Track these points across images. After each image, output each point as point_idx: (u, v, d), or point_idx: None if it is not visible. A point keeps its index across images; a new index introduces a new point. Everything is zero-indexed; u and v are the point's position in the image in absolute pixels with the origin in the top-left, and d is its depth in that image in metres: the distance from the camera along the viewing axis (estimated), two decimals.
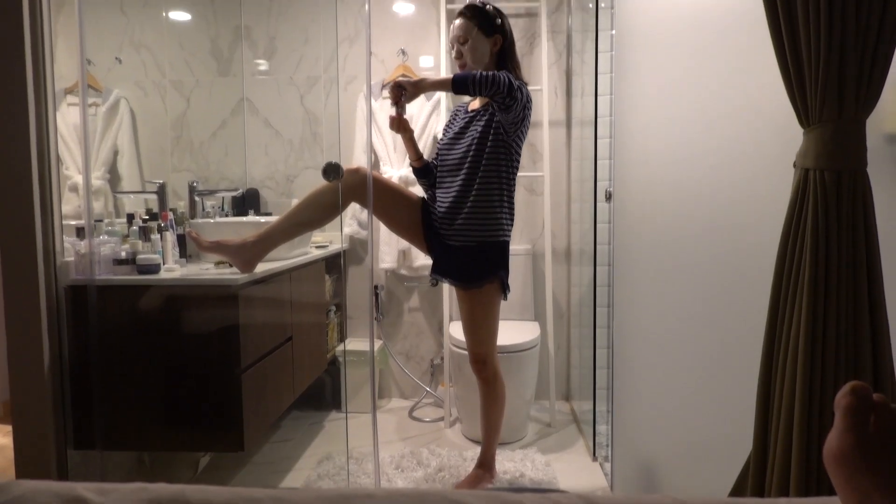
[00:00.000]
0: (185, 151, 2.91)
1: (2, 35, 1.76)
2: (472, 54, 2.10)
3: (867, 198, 0.92)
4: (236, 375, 1.88)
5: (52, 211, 1.83)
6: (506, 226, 2.13)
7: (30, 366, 1.81)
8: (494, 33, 2.11)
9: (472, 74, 1.91)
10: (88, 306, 1.88)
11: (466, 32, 2.09)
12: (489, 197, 2.07)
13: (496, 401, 2.25)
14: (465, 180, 2.08)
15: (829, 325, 0.91)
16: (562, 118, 3.21)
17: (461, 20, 2.11)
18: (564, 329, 3.29)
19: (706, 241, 1.44)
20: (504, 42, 2.14)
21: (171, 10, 2.89)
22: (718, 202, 1.38)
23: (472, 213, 2.07)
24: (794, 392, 0.91)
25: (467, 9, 2.12)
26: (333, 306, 3.15)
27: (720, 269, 1.38)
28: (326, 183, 2.04)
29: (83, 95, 1.95)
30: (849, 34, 0.90)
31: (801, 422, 0.89)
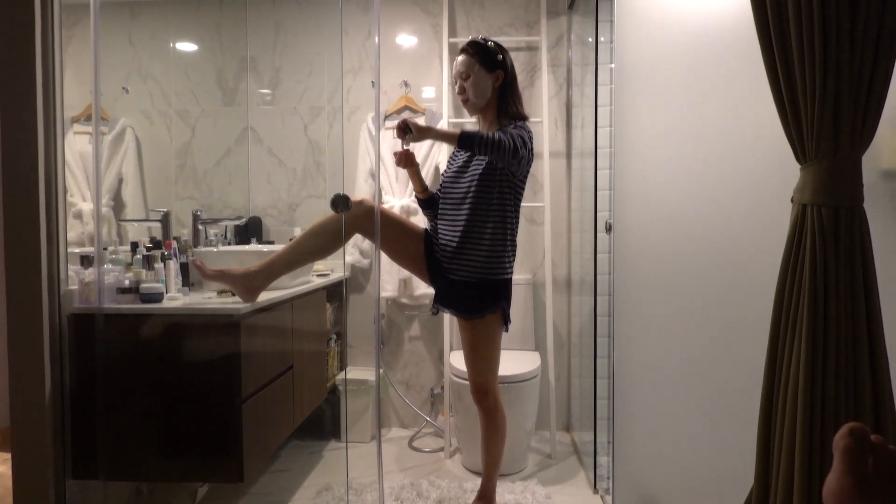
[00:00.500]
0: (189, 179, 2.94)
1: (14, 65, 1.80)
2: (475, 89, 2.13)
3: (864, 233, 0.93)
4: (237, 405, 1.87)
5: (57, 240, 1.85)
6: (508, 264, 2.14)
7: (31, 394, 1.81)
8: (496, 69, 2.14)
9: (480, 135, 1.93)
10: (91, 335, 1.88)
11: (469, 68, 2.12)
12: (492, 234, 2.08)
13: (497, 431, 2.24)
14: (467, 216, 2.09)
15: (828, 360, 0.91)
16: (562, 149, 3.25)
17: (464, 56, 2.14)
18: (565, 359, 3.28)
19: (706, 273, 1.45)
20: (505, 77, 2.16)
21: (179, 42, 2.94)
22: (718, 235, 1.40)
23: (474, 249, 2.08)
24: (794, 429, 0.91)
25: (469, 45, 2.16)
26: (334, 335, 3.15)
27: (720, 300, 1.39)
28: (330, 213, 2.06)
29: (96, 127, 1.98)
30: (843, 73, 0.92)
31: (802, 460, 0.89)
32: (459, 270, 2.09)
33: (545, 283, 3.12)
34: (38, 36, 1.81)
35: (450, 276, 2.11)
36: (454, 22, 3.24)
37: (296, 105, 3.27)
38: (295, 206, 3.29)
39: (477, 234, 2.08)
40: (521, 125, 2.09)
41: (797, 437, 0.91)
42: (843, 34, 0.92)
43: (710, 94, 1.46)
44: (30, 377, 1.80)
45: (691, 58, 1.54)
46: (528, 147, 2.07)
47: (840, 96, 0.93)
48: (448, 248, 2.11)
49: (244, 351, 1.90)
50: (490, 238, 2.08)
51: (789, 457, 0.92)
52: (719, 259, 1.39)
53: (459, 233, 2.10)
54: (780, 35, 0.97)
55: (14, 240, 1.80)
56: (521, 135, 2.03)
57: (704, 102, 1.48)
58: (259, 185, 3.30)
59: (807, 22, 0.93)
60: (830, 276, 0.92)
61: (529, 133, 2.09)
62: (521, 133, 2.04)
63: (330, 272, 3.04)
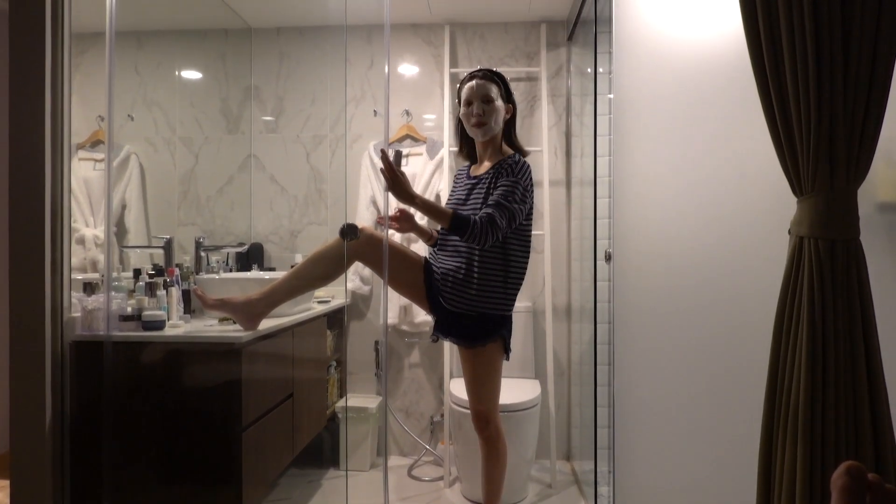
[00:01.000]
0: (192, 206, 2.96)
1: (24, 93, 1.83)
2: (495, 116, 2.12)
3: (861, 266, 0.94)
4: (237, 434, 1.87)
5: (61, 267, 1.86)
6: (508, 301, 2.12)
7: (31, 421, 1.80)
8: (509, 102, 2.18)
9: (473, 222, 1.93)
10: (93, 363, 1.88)
11: (495, 95, 2.12)
12: (492, 270, 2.08)
13: (498, 460, 2.22)
14: (467, 251, 2.09)
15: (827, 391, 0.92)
16: (562, 178, 3.28)
17: (485, 81, 2.12)
18: (565, 387, 3.27)
19: (705, 303, 1.46)
20: (514, 112, 2.21)
21: (184, 70, 2.98)
22: (717, 265, 1.41)
23: (473, 284, 2.07)
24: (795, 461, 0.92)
25: (490, 72, 2.15)
26: (334, 362, 3.14)
27: (720, 331, 1.40)
28: (331, 241, 2.07)
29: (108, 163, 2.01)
30: (837, 108, 0.94)
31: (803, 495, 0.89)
32: (458, 303, 2.09)
33: (545, 310, 3.13)
34: (48, 65, 1.85)
35: (447, 307, 2.11)
36: (455, 53, 3.29)
37: (298, 133, 3.31)
38: (296, 233, 3.31)
39: (476, 269, 2.07)
40: (521, 168, 2.08)
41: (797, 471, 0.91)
42: (837, 69, 0.94)
43: (707, 125, 1.48)
44: (30, 404, 1.80)
45: (689, 90, 1.57)
46: (528, 199, 2.07)
47: (835, 131, 0.95)
48: (448, 280, 2.11)
49: (245, 379, 1.90)
50: (489, 274, 2.08)
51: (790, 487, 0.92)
52: (718, 289, 1.40)
53: (458, 265, 2.09)
54: (775, 70, 1.00)
55: (19, 266, 1.82)
56: (517, 190, 2.02)
57: (702, 134, 1.51)
58: (261, 212, 3.32)
59: (801, 57, 0.96)
60: (828, 308, 0.93)
61: (528, 177, 2.09)
62: (518, 186, 2.03)
63: (331, 298, 3.04)
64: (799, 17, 0.95)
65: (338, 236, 2.05)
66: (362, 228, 2.09)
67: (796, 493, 0.90)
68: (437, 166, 3.16)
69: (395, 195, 1.95)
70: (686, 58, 1.59)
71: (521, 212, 2.04)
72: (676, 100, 1.65)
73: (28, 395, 1.80)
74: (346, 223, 2.03)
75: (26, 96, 1.83)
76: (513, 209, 2.00)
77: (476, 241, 1.95)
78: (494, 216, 1.96)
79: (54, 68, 1.87)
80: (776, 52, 0.99)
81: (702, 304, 1.48)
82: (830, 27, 0.94)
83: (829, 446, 0.91)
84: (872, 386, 0.90)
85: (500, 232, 1.98)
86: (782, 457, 0.95)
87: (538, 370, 3.16)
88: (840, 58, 0.94)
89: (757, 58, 1.03)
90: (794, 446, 0.93)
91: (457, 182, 2.30)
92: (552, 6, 3.10)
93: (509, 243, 2.10)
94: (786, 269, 0.99)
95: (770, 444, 0.99)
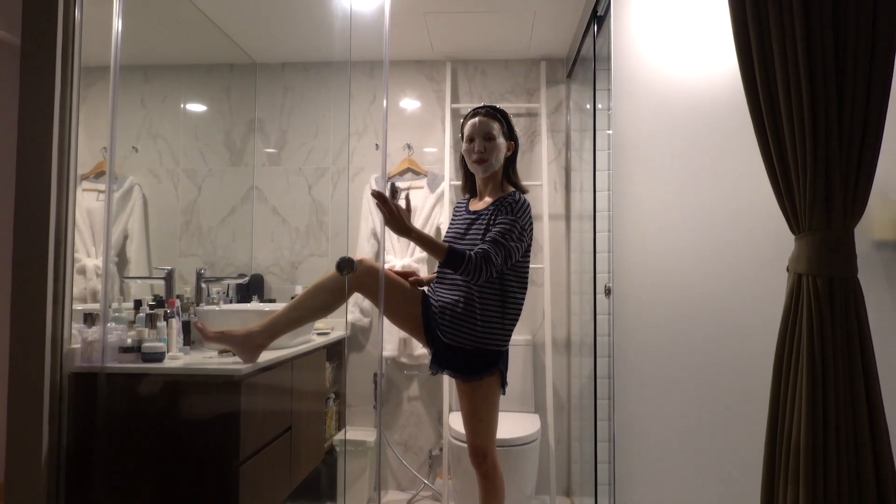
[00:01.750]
0: (194, 237, 2.97)
1: (32, 125, 1.86)
2: (496, 153, 2.15)
3: (859, 304, 0.95)
4: (234, 468, 1.85)
5: (63, 298, 1.86)
6: (504, 335, 2.12)
7: (27, 453, 1.79)
8: (511, 139, 2.21)
9: (469, 258, 1.95)
10: (92, 394, 1.87)
11: (497, 132, 2.15)
12: (490, 305, 2.08)
13: (496, 496, 2.20)
14: (466, 286, 2.09)
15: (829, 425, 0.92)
16: (561, 212, 3.30)
17: (488, 118, 2.15)
18: (565, 421, 3.24)
19: (705, 338, 1.46)
20: (515, 149, 2.23)
21: (189, 103, 3.03)
22: (716, 299, 1.42)
23: (469, 319, 2.07)
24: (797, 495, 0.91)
25: (494, 109, 2.19)
26: (333, 394, 3.12)
27: (720, 365, 1.40)
28: (330, 272, 2.08)
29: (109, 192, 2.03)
30: (833, 147, 0.96)
31: None
32: (455, 337, 2.09)
33: (545, 344, 3.12)
34: (58, 98, 1.88)
35: (445, 341, 2.11)
36: (456, 88, 3.34)
37: (301, 165, 3.35)
38: (297, 265, 3.32)
39: (475, 304, 2.08)
40: (521, 206, 2.09)
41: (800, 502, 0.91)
42: (832, 108, 0.96)
43: (705, 161, 1.50)
44: (27, 436, 1.79)
45: (687, 126, 1.60)
46: (526, 237, 2.08)
47: (830, 169, 0.97)
48: (446, 314, 2.11)
49: (244, 411, 1.89)
50: (487, 309, 2.08)
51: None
52: (718, 324, 1.41)
53: (457, 300, 2.10)
54: (771, 110, 1.02)
55: (21, 296, 1.82)
56: (515, 228, 2.04)
57: (700, 170, 1.53)
58: (262, 244, 3.34)
59: (796, 97, 0.98)
60: (828, 344, 0.94)
61: (528, 215, 2.10)
62: (517, 225, 2.05)
63: (330, 330, 3.04)
64: (793, 57, 0.97)
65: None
66: (360, 260, 2.10)
67: None
68: (438, 199, 3.19)
69: (391, 229, 1.97)
70: (684, 95, 1.62)
71: (517, 250, 2.05)
72: (674, 136, 1.67)
73: (25, 426, 1.79)
74: (342, 257, 2.04)
75: (35, 129, 1.86)
76: (509, 247, 2.02)
77: (470, 276, 1.97)
78: (490, 253, 1.98)
79: (63, 102, 1.90)
80: (771, 91, 1.02)
81: (702, 338, 1.48)
82: (825, 68, 0.96)
83: (832, 486, 0.90)
84: (873, 424, 0.90)
85: (494, 269, 1.99)
86: (784, 495, 0.94)
87: (538, 404, 3.14)
88: (835, 97, 0.96)
89: (752, 97, 1.05)
90: (795, 485, 0.92)
91: (456, 215, 2.32)
92: (552, 44, 3.16)
93: (507, 279, 2.10)
94: (785, 305, 1.00)
95: (772, 484, 0.98)
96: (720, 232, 1.41)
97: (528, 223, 2.10)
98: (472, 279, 1.99)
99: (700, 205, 1.52)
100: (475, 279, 1.98)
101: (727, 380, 1.37)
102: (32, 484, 1.78)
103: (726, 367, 1.37)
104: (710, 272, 1.46)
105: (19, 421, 1.79)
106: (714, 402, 1.42)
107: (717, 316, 1.41)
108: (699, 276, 1.51)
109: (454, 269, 1.97)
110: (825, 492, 0.90)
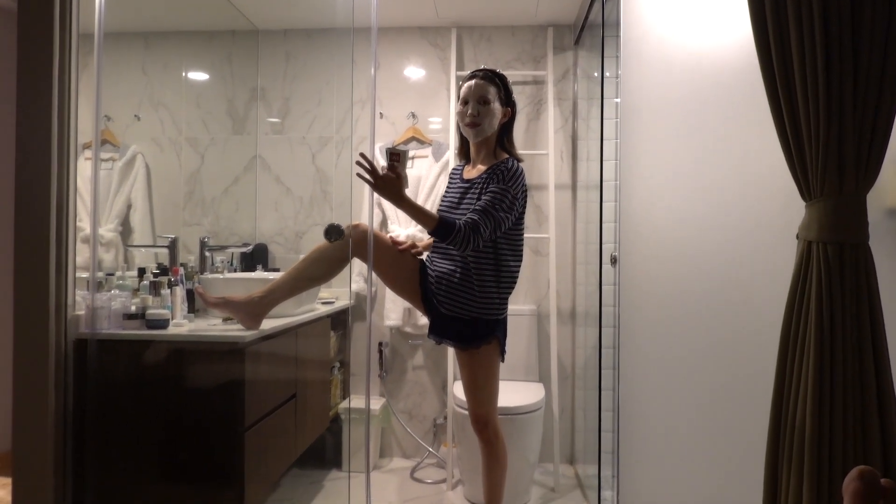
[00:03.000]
0: (198, 206, 2.96)
1: (31, 91, 1.84)
2: (490, 118, 2.09)
3: (870, 271, 0.93)
4: (239, 434, 1.86)
5: (66, 265, 1.86)
6: (500, 305, 2.11)
7: (33, 419, 1.80)
8: (508, 105, 2.16)
9: (457, 228, 1.92)
10: (97, 361, 1.88)
11: (492, 96, 2.09)
12: (485, 275, 2.07)
13: (498, 462, 2.22)
14: (459, 257, 2.08)
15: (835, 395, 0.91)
16: (567, 182, 3.27)
17: (484, 82, 2.10)
18: (569, 391, 3.26)
19: (712, 307, 1.45)
20: (511, 116, 2.17)
21: (191, 71, 2.99)
22: (724, 269, 1.40)
23: (464, 290, 2.07)
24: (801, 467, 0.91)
25: (492, 73, 2.13)
26: (337, 363, 3.14)
27: (726, 335, 1.39)
28: None
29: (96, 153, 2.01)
30: (847, 112, 0.93)
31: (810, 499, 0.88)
32: (451, 306, 2.09)
33: (550, 314, 3.12)
34: (56, 64, 1.85)
35: (442, 310, 2.11)
36: (461, 55, 3.29)
37: (304, 134, 3.32)
38: (301, 234, 3.31)
39: (471, 273, 2.07)
40: (513, 174, 2.05)
41: (805, 476, 0.90)
42: (847, 73, 0.93)
43: (715, 129, 1.48)
44: (33, 402, 1.80)
45: (697, 94, 1.57)
46: (517, 207, 2.05)
47: (844, 135, 0.95)
48: (442, 284, 2.10)
49: (248, 379, 1.90)
50: (482, 279, 2.07)
51: (797, 496, 0.91)
52: (725, 293, 1.39)
53: (452, 269, 2.09)
54: (784, 74, 0.99)
55: (24, 264, 1.82)
56: (506, 198, 2.01)
57: (710, 137, 1.50)
58: (266, 213, 3.32)
59: (810, 61, 0.95)
60: (836, 312, 0.92)
61: (520, 184, 2.06)
62: (507, 194, 2.01)
63: (335, 300, 3.04)
64: (808, 21, 0.94)
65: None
66: (357, 225, 2.07)
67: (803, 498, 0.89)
68: (443, 169, 3.16)
69: (383, 197, 1.94)
70: (694, 61, 1.58)
71: (506, 220, 2.02)
72: (684, 103, 1.64)
73: (31, 393, 1.81)
74: (330, 224, 2.00)
75: (34, 95, 1.84)
76: (498, 217, 1.99)
77: (458, 246, 1.95)
78: (479, 223, 1.96)
79: (62, 68, 1.87)
80: (785, 55, 0.99)
81: (708, 308, 1.47)
82: (840, 32, 0.93)
83: (837, 456, 0.90)
84: (881, 393, 0.89)
85: (481, 239, 1.97)
86: (789, 465, 0.94)
87: (542, 374, 3.15)
88: (850, 62, 0.93)
89: (766, 61, 1.02)
90: (800, 455, 0.92)
91: (451, 182, 2.29)
92: (559, 10, 3.09)
93: (500, 248, 2.09)
94: (794, 273, 0.99)
95: (776, 452, 0.98)
96: (728, 200, 1.39)
97: (520, 191, 2.06)
98: (460, 249, 1.97)
99: (708, 173, 1.50)
100: (462, 249, 1.97)
101: (733, 350, 1.36)
102: (39, 449, 1.80)
103: (732, 338, 1.36)
104: (717, 241, 1.44)
105: (25, 387, 1.80)
106: (719, 373, 1.42)
107: (724, 285, 1.40)
108: (706, 246, 1.50)
109: (442, 238, 1.94)
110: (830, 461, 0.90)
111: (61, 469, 1.84)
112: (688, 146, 1.62)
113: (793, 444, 0.93)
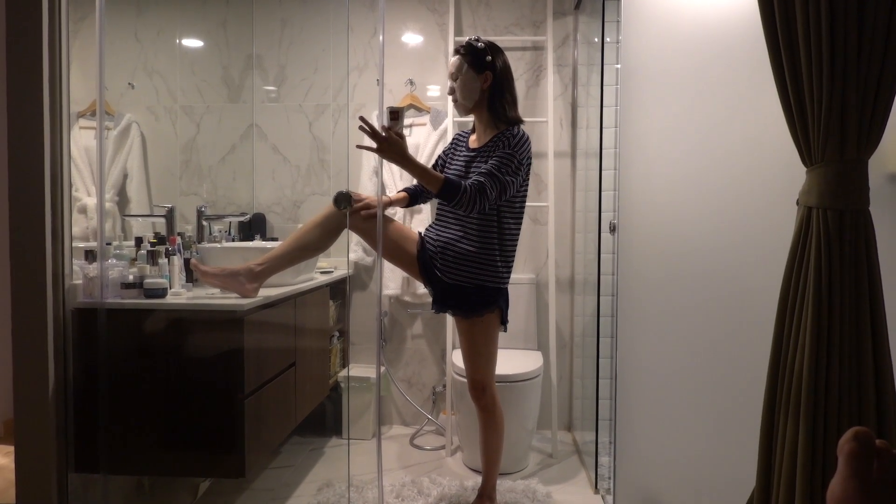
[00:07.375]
0: (194, 176, 2.94)
1: (20, 59, 1.81)
2: (462, 91, 2.12)
3: (870, 237, 0.93)
4: (239, 401, 1.88)
5: (62, 234, 1.85)
6: (502, 273, 2.12)
7: (34, 387, 1.81)
8: (485, 70, 2.10)
9: (463, 189, 1.93)
10: (95, 329, 1.89)
11: (458, 69, 2.11)
12: (487, 243, 2.08)
13: (495, 429, 2.24)
14: (462, 224, 2.09)
15: (832, 361, 0.91)
16: (567, 149, 3.25)
17: (455, 57, 2.14)
18: (567, 359, 3.28)
19: (710, 274, 1.45)
20: (494, 79, 2.12)
21: (185, 38, 2.94)
22: (722, 236, 1.40)
23: (468, 257, 2.08)
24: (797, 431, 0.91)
25: (462, 46, 2.14)
26: (337, 332, 3.15)
27: (724, 302, 1.39)
28: (326, 209, 2.08)
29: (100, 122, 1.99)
30: (850, 77, 0.92)
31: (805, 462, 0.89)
32: (455, 275, 2.09)
33: (548, 282, 3.12)
34: (45, 31, 1.82)
35: (445, 280, 2.11)
36: (460, 21, 3.24)
37: (301, 102, 3.28)
38: (299, 203, 3.29)
39: (471, 243, 2.08)
40: (518, 140, 2.05)
41: (800, 439, 0.91)
42: (851, 38, 0.92)
43: (716, 95, 1.46)
44: (33, 371, 1.81)
45: (698, 60, 1.54)
46: (522, 171, 2.06)
47: (847, 100, 0.93)
48: (446, 253, 2.10)
49: (247, 347, 1.91)
50: (486, 246, 2.08)
51: (791, 459, 0.92)
52: (723, 260, 1.39)
53: (457, 238, 2.10)
54: (788, 39, 0.97)
55: (19, 234, 1.81)
56: (512, 162, 2.02)
57: (710, 104, 1.48)
58: (263, 182, 3.30)
59: (814, 26, 0.93)
60: (835, 279, 0.92)
61: (525, 150, 2.07)
62: (514, 159, 2.02)
63: (333, 269, 3.04)
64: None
65: (332, 204, 2.06)
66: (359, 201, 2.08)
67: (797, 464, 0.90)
68: (441, 136, 3.13)
69: (387, 158, 1.93)
70: (695, 27, 1.55)
71: (512, 184, 2.03)
72: (685, 70, 1.62)
73: (30, 362, 1.81)
74: (339, 191, 2.04)
75: (24, 62, 1.81)
76: (505, 181, 2.00)
77: (463, 208, 1.96)
78: (486, 185, 1.97)
79: (52, 34, 1.84)
80: (789, 19, 0.97)
81: (706, 275, 1.47)
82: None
83: (832, 419, 0.90)
84: (877, 355, 0.90)
85: (488, 202, 1.98)
86: (784, 428, 0.94)
87: (541, 342, 3.17)
88: (854, 27, 0.91)
89: (769, 26, 1.00)
90: (796, 418, 0.92)
91: (456, 149, 2.27)
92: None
93: (503, 215, 2.10)
94: (793, 239, 0.98)
95: (772, 416, 0.99)
96: (728, 166, 1.38)
97: (525, 157, 2.07)
98: (465, 211, 1.98)
99: (707, 140, 1.48)
100: (468, 211, 1.98)
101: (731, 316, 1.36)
102: (40, 418, 1.82)
103: (731, 303, 1.36)
104: (717, 207, 1.43)
105: (25, 357, 1.81)
106: (717, 339, 1.42)
107: (723, 252, 1.39)
108: (705, 213, 1.49)
109: (448, 200, 1.95)
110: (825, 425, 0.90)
111: (62, 436, 1.86)
112: (688, 112, 1.60)
113: (789, 408, 0.94)
